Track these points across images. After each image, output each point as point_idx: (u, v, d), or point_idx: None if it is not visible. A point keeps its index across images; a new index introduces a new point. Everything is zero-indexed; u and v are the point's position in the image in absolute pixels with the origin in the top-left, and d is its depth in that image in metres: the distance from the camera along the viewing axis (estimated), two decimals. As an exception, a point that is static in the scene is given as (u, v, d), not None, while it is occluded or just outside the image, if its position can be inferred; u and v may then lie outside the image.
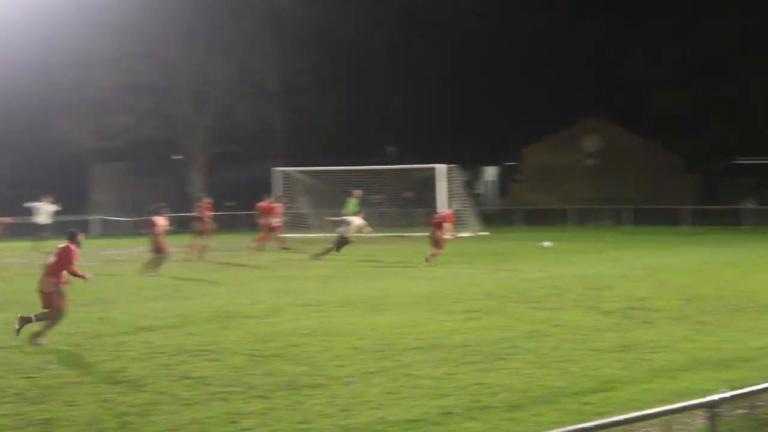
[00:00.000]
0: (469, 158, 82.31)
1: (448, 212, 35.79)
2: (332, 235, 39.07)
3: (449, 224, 35.36)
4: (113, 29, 67.37)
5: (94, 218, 63.36)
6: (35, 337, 18.10)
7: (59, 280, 18.46)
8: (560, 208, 66.84)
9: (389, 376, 14.90)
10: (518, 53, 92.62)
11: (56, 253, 18.65)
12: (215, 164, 76.05)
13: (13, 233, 52.72)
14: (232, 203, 67.88)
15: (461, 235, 51.36)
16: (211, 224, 39.94)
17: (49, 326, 18.36)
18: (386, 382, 14.46)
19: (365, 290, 26.51)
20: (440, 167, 53.58)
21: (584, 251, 40.82)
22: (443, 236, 34.80)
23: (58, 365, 16.21)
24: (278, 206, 44.45)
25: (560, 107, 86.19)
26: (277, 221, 43.19)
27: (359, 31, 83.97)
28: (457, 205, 55.32)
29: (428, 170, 55.67)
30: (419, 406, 13.00)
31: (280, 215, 43.87)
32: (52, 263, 18.56)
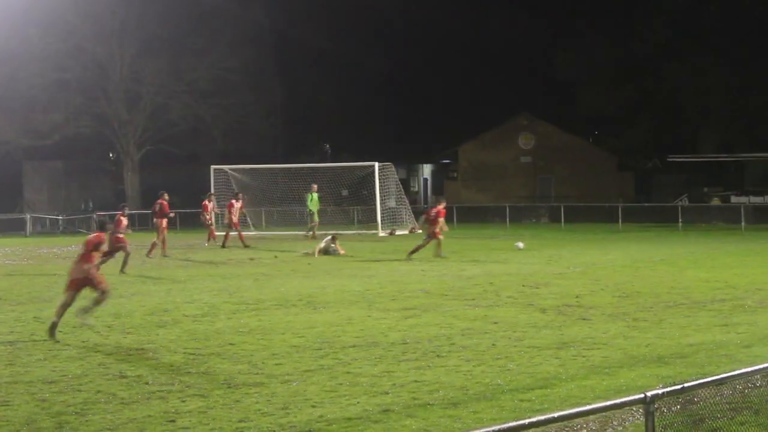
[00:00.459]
0: (403, 156, 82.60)
1: (440, 208, 36.29)
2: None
3: (442, 219, 36.39)
4: (42, 26, 66.71)
5: (27, 216, 62.63)
6: (84, 312, 19.71)
7: (92, 264, 19.52)
8: (495, 205, 67.05)
9: (328, 374, 14.90)
10: (452, 52, 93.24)
11: (88, 242, 19.77)
12: (149, 163, 75.60)
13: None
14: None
15: (399, 233, 51.52)
16: (167, 222, 40.16)
17: (97, 304, 19.97)
18: (325, 380, 14.45)
19: (302, 288, 26.47)
20: (375, 165, 53.55)
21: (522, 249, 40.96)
22: (437, 230, 35.87)
23: (-8, 365, 16.01)
24: (209, 204, 44.74)
25: (494, 105, 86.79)
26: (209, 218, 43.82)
27: (292, 29, 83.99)
28: (392, 203, 55.43)
29: (364, 168, 55.63)
30: (358, 403, 13.01)
31: (210, 212, 44.34)
32: (84, 252, 19.60)
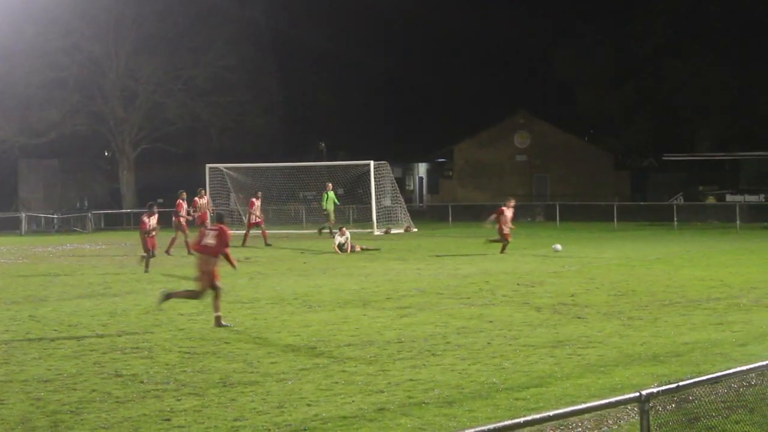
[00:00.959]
0: (399, 155, 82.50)
1: (502, 207, 36.86)
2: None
3: (505, 217, 37.04)
4: (39, 24, 66.58)
5: (22, 215, 62.49)
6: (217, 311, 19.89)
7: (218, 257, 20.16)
8: (491, 204, 67.00)
9: (323, 372, 14.90)
10: (449, 51, 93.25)
11: (214, 235, 20.17)
12: (145, 161, 75.49)
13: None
14: (161, 200, 67.45)
15: (394, 231, 51.52)
16: (185, 219, 40.20)
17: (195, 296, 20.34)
18: (320, 378, 14.46)
19: (297, 287, 26.45)
20: (371, 164, 53.48)
21: (515, 247, 40.97)
22: (504, 227, 36.86)
23: (-14, 364, 16.01)
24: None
25: (490, 104, 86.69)
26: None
27: (290, 27, 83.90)
28: (387, 201, 55.38)
29: (360, 167, 55.58)
30: (353, 402, 13.01)
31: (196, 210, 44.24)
32: (213, 244, 20.03)
